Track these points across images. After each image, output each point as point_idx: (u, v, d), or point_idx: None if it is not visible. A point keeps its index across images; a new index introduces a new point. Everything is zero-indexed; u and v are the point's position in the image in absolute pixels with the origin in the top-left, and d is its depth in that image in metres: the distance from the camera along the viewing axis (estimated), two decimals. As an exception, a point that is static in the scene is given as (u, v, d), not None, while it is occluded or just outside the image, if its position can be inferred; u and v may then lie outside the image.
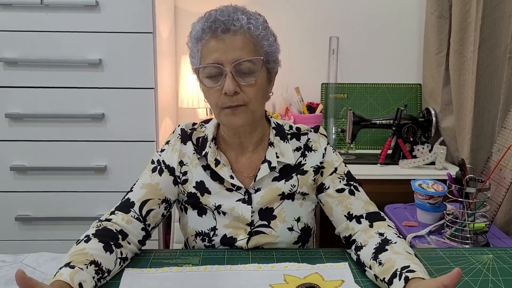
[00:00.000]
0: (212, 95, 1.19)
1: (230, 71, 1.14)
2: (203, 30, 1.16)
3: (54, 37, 2.08)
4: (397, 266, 1.01)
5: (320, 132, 1.35)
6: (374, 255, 1.11)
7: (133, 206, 1.23)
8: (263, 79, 1.21)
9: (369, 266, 1.11)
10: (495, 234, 1.78)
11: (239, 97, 1.16)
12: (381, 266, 1.06)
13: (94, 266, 1.03)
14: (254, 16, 1.19)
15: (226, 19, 1.13)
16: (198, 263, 1.18)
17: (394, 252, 1.08)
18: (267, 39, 1.20)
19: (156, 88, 2.15)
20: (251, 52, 1.16)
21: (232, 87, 1.14)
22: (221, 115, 1.20)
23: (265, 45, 1.19)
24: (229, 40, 1.14)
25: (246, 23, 1.15)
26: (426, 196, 1.84)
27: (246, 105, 1.18)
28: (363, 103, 2.80)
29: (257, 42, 1.18)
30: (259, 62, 1.18)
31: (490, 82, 2.18)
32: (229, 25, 1.14)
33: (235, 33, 1.14)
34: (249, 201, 1.26)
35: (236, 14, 1.15)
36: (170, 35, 2.54)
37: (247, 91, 1.17)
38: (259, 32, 1.17)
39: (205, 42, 1.16)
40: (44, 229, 2.23)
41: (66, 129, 2.15)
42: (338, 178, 1.30)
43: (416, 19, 2.76)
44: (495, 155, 1.99)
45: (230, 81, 1.14)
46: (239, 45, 1.15)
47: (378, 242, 1.14)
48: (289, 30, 2.74)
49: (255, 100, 1.19)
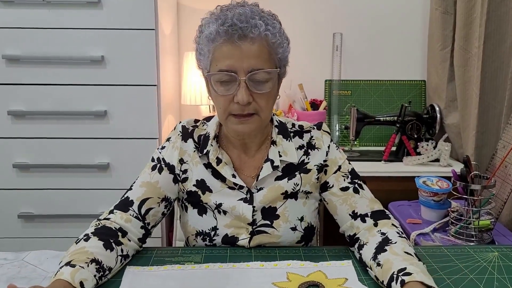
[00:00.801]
0: (221, 102, 1.16)
1: (245, 80, 1.11)
2: (217, 33, 1.10)
3: (56, 34, 2.07)
4: (394, 269, 1.00)
5: (323, 129, 1.33)
6: (374, 255, 1.10)
7: (132, 205, 1.22)
8: (275, 87, 1.19)
9: (369, 266, 1.10)
10: (500, 232, 1.76)
11: (251, 107, 1.14)
12: (379, 268, 1.05)
13: (95, 264, 1.02)
14: (271, 22, 1.14)
15: (244, 26, 1.08)
16: (200, 261, 1.17)
17: (392, 253, 1.07)
18: (282, 45, 1.16)
19: (159, 85, 2.14)
20: (267, 61, 1.13)
21: (246, 98, 1.11)
22: (228, 121, 1.18)
23: (280, 52, 1.16)
24: (245, 47, 1.10)
25: (264, 30, 1.11)
26: (431, 193, 1.83)
27: (257, 114, 1.16)
28: (367, 100, 2.79)
29: (273, 49, 1.14)
30: (275, 73, 1.15)
31: (495, 78, 2.16)
32: (247, 32, 1.09)
33: (252, 40, 1.10)
34: (251, 200, 1.25)
35: (254, 20, 1.10)
36: (172, 31, 2.53)
37: (259, 100, 1.14)
38: (275, 39, 1.13)
39: (219, 45, 1.11)
40: (47, 226, 2.23)
41: (68, 126, 2.14)
42: (342, 176, 1.28)
43: (420, 15, 2.74)
44: (500, 152, 1.97)
45: (244, 91, 1.11)
46: (255, 53, 1.11)
47: (379, 241, 1.13)
48: (293, 26, 2.71)
49: (266, 109, 1.17)
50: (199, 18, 1.18)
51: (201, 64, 1.20)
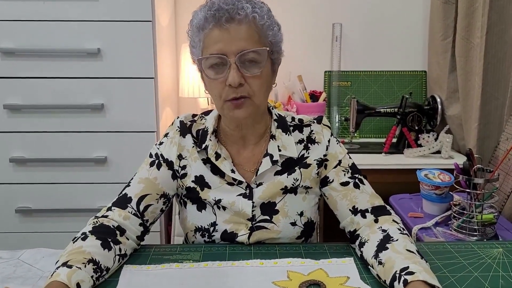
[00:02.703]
0: (215, 87, 1.15)
1: (235, 62, 1.10)
2: (205, 19, 1.11)
3: (52, 27, 2.03)
4: (396, 268, 0.98)
5: (323, 123, 1.31)
6: (375, 253, 1.08)
7: (130, 202, 1.20)
8: (268, 70, 1.17)
9: (371, 265, 1.08)
10: (503, 226, 1.74)
11: (244, 89, 1.12)
12: (381, 266, 1.03)
13: (92, 265, 1.00)
14: (259, 5, 1.14)
15: (230, 8, 1.09)
16: (199, 259, 1.15)
17: (394, 251, 1.04)
18: (272, 28, 1.15)
19: (156, 78, 2.11)
20: (256, 43, 1.12)
21: (237, 79, 1.10)
22: (224, 107, 1.16)
23: (270, 35, 1.15)
24: (234, 29, 1.10)
25: (251, 12, 1.10)
26: (432, 187, 1.81)
27: (251, 98, 1.14)
28: (367, 91, 2.76)
29: (262, 32, 1.13)
30: (265, 53, 1.13)
31: (498, 69, 2.12)
32: (234, 14, 1.09)
33: (239, 22, 1.10)
34: (250, 195, 1.23)
35: (240, 3, 1.10)
36: (170, 23, 2.49)
37: (251, 83, 1.13)
38: (264, 21, 1.13)
39: (208, 31, 1.12)
40: (45, 221, 2.21)
41: (65, 120, 2.11)
42: (342, 171, 1.26)
43: (421, 5, 2.70)
44: (503, 144, 1.95)
45: (235, 72, 1.10)
46: (244, 35, 1.10)
47: (380, 239, 1.11)
48: (292, 17, 2.69)
49: (259, 93, 1.15)
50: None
51: (195, 56, 1.19)
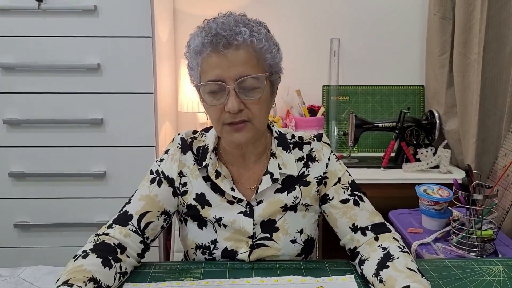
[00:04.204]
0: (213, 112, 1.14)
1: (234, 88, 1.09)
2: (203, 44, 1.09)
3: (52, 42, 2.05)
4: (398, 287, 0.98)
5: (323, 141, 1.31)
6: (376, 271, 1.08)
7: (131, 219, 1.20)
8: (267, 93, 1.16)
9: (371, 283, 1.08)
10: (503, 241, 1.74)
11: (243, 114, 1.12)
12: (382, 285, 1.03)
13: (93, 283, 1.00)
14: (257, 28, 1.12)
15: (228, 34, 1.07)
16: (199, 277, 1.15)
17: (395, 269, 1.04)
18: (270, 51, 1.14)
19: (156, 93, 2.12)
20: (255, 67, 1.11)
21: (236, 106, 1.09)
22: (223, 131, 1.16)
23: (269, 57, 1.14)
24: (231, 55, 1.08)
25: (249, 37, 1.09)
26: (432, 202, 1.81)
27: (250, 121, 1.14)
28: (365, 106, 2.77)
29: (260, 55, 1.12)
30: (263, 78, 1.12)
31: (495, 84, 2.14)
32: (231, 40, 1.08)
33: (237, 47, 1.09)
34: (251, 213, 1.23)
35: (238, 27, 1.09)
36: (169, 38, 2.50)
37: (251, 107, 1.12)
38: (262, 45, 1.11)
39: (206, 56, 1.10)
40: (43, 236, 2.20)
41: (64, 134, 2.12)
42: (342, 188, 1.26)
43: (418, 20, 2.72)
44: (501, 160, 1.96)
45: (234, 99, 1.09)
46: (242, 60, 1.09)
47: (381, 257, 1.11)
48: (290, 32, 2.71)
49: (259, 116, 1.14)
50: (196, 25, 1.16)
51: (193, 78, 1.19)
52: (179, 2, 2.68)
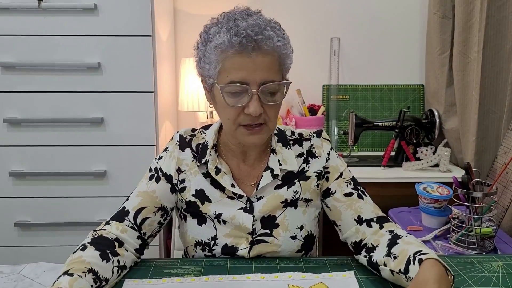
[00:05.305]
0: (231, 113, 1.14)
1: (257, 92, 1.09)
2: (231, 44, 1.07)
3: (52, 41, 2.05)
4: (410, 253, 1.02)
5: (323, 137, 1.32)
6: (387, 252, 1.10)
7: (128, 215, 1.20)
8: (283, 96, 1.17)
9: (383, 264, 1.09)
10: (502, 239, 1.75)
11: (261, 117, 1.13)
12: (396, 260, 1.05)
13: (91, 275, 1.01)
14: (281, 33, 1.14)
15: (259, 38, 1.07)
16: (200, 273, 1.15)
17: (406, 242, 1.08)
18: (290, 57, 1.16)
19: (156, 92, 2.12)
20: (277, 72, 1.12)
21: (258, 110, 1.10)
22: (237, 132, 1.16)
23: (288, 63, 1.17)
24: (259, 59, 1.08)
25: (276, 41, 1.10)
26: (431, 200, 1.81)
27: (266, 124, 1.15)
28: (365, 105, 2.77)
29: (282, 61, 1.14)
30: (287, 85, 1.15)
31: (495, 83, 2.15)
32: (262, 44, 1.08)
33: (265, 52, 1.09)
34: (251, 209, 1.23)
35: (267, 31, 1.08)
36: (169, 37, 2.51)
37: (269, 110, 1.13)
38: (286, 51, 1.13)
39: (230, 55, 1.09)
40: (44, 235, 2.21)
41: (65, 133, 2.12)
42: (344, 182, 1.28)
43: (418, 19, 2.73)
44: (500, 158, 1.96)
45: (256, 102, 1.09)
46: (267, 65, 1.10)
47: (389, 239, 1.14)
48: (290, 31, 2.65)
49: (274, 118, 1.16)
50: (196, 23, 1.17)
51: (206, 72, 1.15)
52: (179, 2, 2.68)
